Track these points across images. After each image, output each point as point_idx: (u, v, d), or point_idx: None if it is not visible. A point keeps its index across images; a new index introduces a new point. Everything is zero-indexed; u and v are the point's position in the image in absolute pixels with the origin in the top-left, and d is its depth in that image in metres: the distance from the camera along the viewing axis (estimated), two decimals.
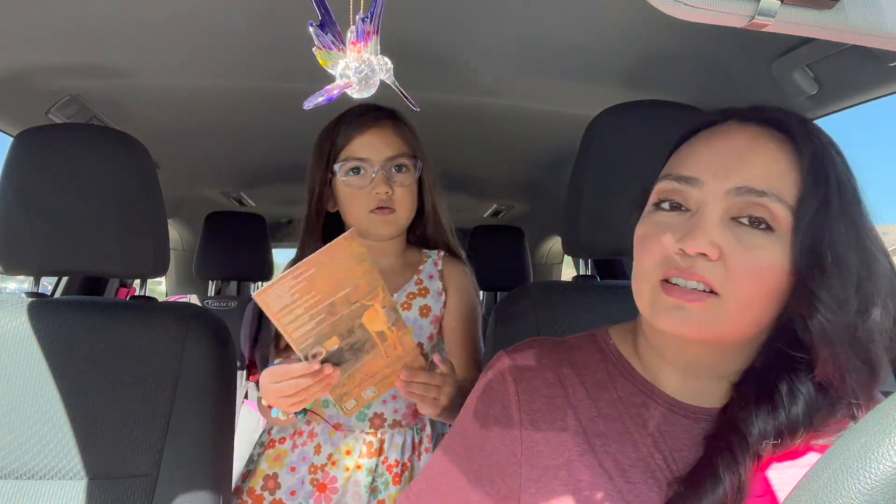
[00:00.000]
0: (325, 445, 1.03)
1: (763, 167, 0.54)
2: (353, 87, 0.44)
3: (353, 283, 0.68)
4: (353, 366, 0.75)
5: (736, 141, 0.56)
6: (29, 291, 1.01)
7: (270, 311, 0.66)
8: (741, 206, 0.53)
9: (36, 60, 1.05)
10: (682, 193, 0.56)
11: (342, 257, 0.66)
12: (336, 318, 0.69)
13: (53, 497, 0.89)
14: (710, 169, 0.55)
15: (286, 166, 1.87)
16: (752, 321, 0.55)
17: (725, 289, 0.52)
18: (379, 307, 0.70)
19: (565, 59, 1.07)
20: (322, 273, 0.66)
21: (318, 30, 0.42)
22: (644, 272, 0.57)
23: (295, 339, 0.70)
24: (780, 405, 0.53)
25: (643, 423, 0.60)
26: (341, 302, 0.69)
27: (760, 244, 0.52)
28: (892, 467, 0.30)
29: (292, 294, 0.66)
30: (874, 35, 0.37)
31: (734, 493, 0.51)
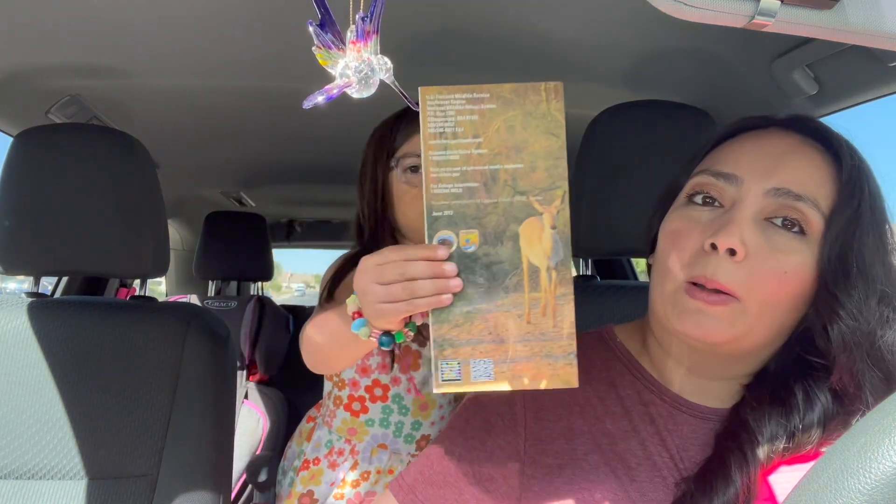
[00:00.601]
0: (362, 463, 1.01)
1: (803, 172, 0.54)
2: (353, 87, 0.44)
3: (532, 159, 0.51)
4: (479, 300, 0.52)
5: (779, 145, 0.56)
6: (29, 291, 1.01)
7: (424, 129, 0.51)
8: (776, 207, 0.53)
9: (36, 60, 1.05)
10: (719, 189, 0.56)
11: (534, 110, 0.50)
12: (490, 201, 0.51)
13: (53, 497, 0.89)
14: (750, 168, 0.55)
15: (286, 166, 1.87)
16: (771, 327, 0.55)
17: (747, 293, 0.52)
18: (548, 222, 0.51)
19: (565, 59, 1.06)
20: (501, 115, 0.51)
21: (317, 29, 0.42)
22: (671, 269, 0.56)
23: (431, 192, 0.52)
24: (794, 409, 0.53)
25: (650, 420, 0.59)
26: (505, 179, 0.51)
27: (789, 247, 0.53)
28: (892, 467, 0.30)
29: (458, 121, 0.50)
30: (874, 35, 0.37)
31: (745, 493, 0.51)
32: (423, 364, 1.00)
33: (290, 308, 2.52)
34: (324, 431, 1.06)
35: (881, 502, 0.30)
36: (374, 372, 1.00)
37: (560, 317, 0.52)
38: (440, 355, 0.52)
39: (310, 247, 3.29)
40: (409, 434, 1.02)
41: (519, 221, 0.51)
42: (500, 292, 0.52)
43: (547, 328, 0.52)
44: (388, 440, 1.02)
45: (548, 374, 0.51)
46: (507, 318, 0.52)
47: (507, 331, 0.52)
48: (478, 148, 0.51)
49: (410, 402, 1.01)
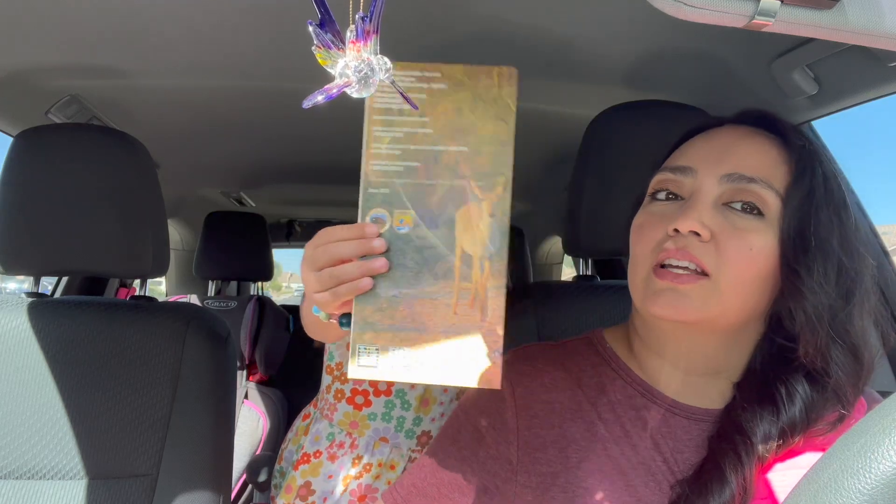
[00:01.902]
0: (365, 457, 1.02)
1: (754, 157, 0.57)
2: (353, 87, 0.44)
3: (477, 144, 0.48)
4: (406, 284, 0.49)
5: (729, 135, 0.60)
6: (29, 291, 1.01)
7: (369, 103, 0.50)
8: (732, 192, 0.56)
9: (36, 60, 1.05)
10: (677, 183, 0.59)
11: (484, 94, 0.49)
12: (429, 182, 0.49)
13: (53, 497, 0.89)
14: (703, 159, 0.58)
15: (286, 166, 1.87)
16: (744, 305, 0.56)
17: (717, 270, 0.54)
18: (486, 210, 0.48)
19: (565, 59, 1.06)
20: (450, 97, 0.49)
21: (317, 29, 0.42)
22: (639, 260, 0.58)
23: (369, 168, 0.50)
24: (782, 405, 0.54)
25: (643, 424, 0.59)
26: (448, 162, 0.49)
27: (751, 227, 0.54)
28: (892, 467, 0.30)
29: (405, 99, 0.47)
30: (874, 35, 0.37)
31: (741, 494, 0.51)
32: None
33: (290, 308, 2.52)
34: (323, 424, 1.06)
35: (881, 502, 0.30)
36: None
37: (489, 310, 0.48)
38: (359, 338, 0.49)
39: None
40: (410, 429, 1.02)
41: (457, 206, 0.49)
42: (428, 278, 0.49)
43: (474, 321, 0.48)
44: (390, 434, 1.02)
45: (468, 371, 0.48)
46: (433, 306, 0.49)
47: (431, 320, 0.49)
48: (423, 127, 0.49)
49: (413, 397, 1.01)
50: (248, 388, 2.02)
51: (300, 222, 2.90)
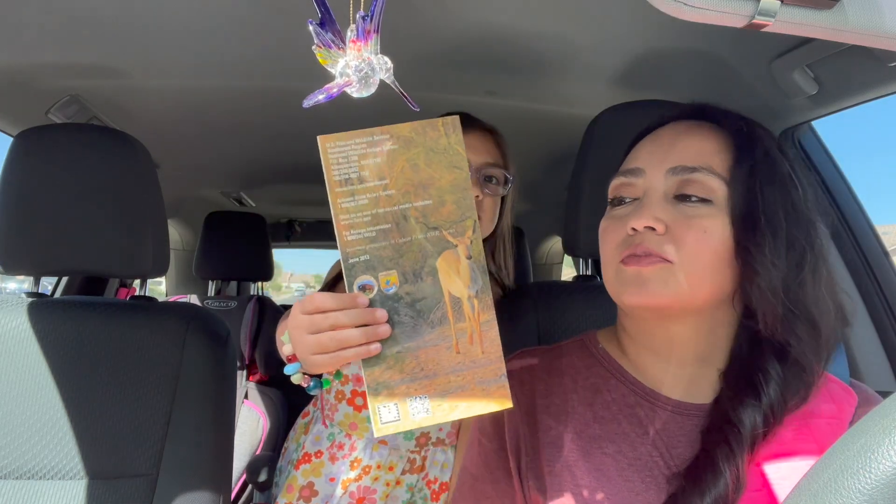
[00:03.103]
0: (364, 459, 1.02)
1: (695, 148, 0.60)
2: (353, 86, 0.44)
3: (439, 194, 0.51)
4: (407, 338, 0.52)
5: (670, 133, 0.63)
6: (29, 291, 1.01)
7: (329, 177, 0.52)
8: (679, 184, 0.59)
9: (36, 60, 1.05)
10: (630, 185, 0.63)
11: (434, 146, 0.50)
12: (404, 240, 0.51)
13: (53, 497, 0.89)
14: (648, 158, 0.62)
15: (286, 166, 1.87)
16: (708, 287, 0.58)
17: (677, 257, 0.57)
18: (463, 253, 0.51)
19: (565, 59, 1.06)
20: (403, 155, 0.50)
21: (318, 28, 0.42)
22: (607, 258, 0.62)
23: (344, 240, 0.52)
24: (761, 392, 0.56)
25: (638, 422, 0.61)
26: (416, 217, 0.51)
27: (702, 213, 0.58)
28: (892, 467, 0.30)
29: (361, 165, 0.50)
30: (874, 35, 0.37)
31: (734, 483, 0.53)
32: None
33: (289, 308, 2.51)
34: (324, 425, 1.06)
35: (881, 502, 0.30)
36: None
37: (487, 342, 0.52)
38: (375, 399, 0.52)
39: (310, 247, 3.29)
40: (408, 431, 1.02)
41: (435, 256, 0.52)
42: (426, 328, 0.52)
43: (476, 355, 0.52)
44: (388, 436, 1.02)
45: (482, 399, 0.51)
46: (436, 351, 0.52)
47: (438, 364, 0.52)
48: (385, 190, 0.51)
49: None
50: (248, 388, 2.02)
51: (300, 222, 2.90)
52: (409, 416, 0.52)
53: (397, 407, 0.52)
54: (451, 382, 0.52)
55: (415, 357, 0.52)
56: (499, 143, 1.02)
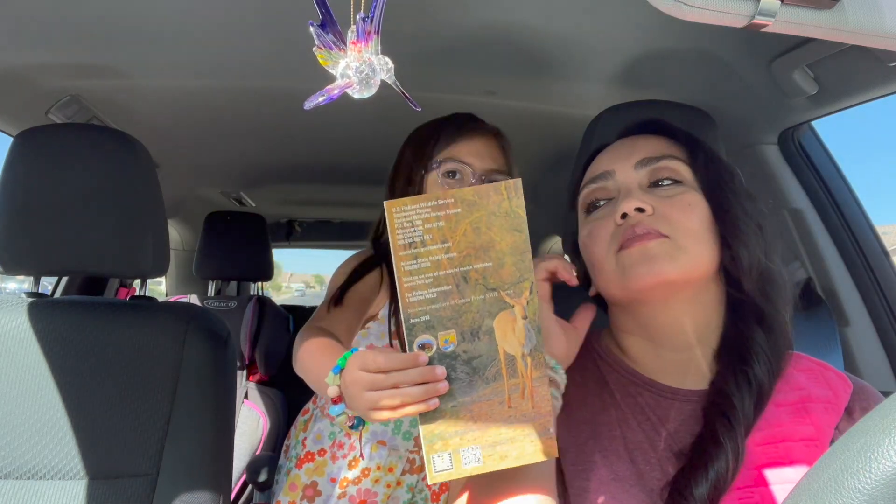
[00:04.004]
0: (363, 460, 1.02)
1: (652, 144, 0.67)
2: (354, 87, 0.44)
3: (499, 257, 0.52)
4: (462, 393, 0.54)
5: (625, 141, 0.71)
6: (29, 291, 1.01)
7: (393, 241, 0.52)
8: (649, 174, 0.65)
9: (36, 60, 1.05)
10: (602, 188, 0.68)
11: (496, 209, 0.52)
12: (463, 301, 0.53)
13: (53, 497, 0.89)
14: (615, 159, 0.68)
15: (286, 166, 1.87)
16: (707, 256, 0.62)
17: (672, 231, 0.61)
18: (519, 314, 0.53)
19: (565, 60, 1.06)
20: (466, 219, 0.51)
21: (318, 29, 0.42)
22: (600, 255, 0.65)
23: (406, 301, 0.53)
24: (752, 366, 0.60)
25: (640, 409, 0.64)
26: (476, 279, 0.52)
27: (678, 191, 0.64)
28: (892, 467, 0.30)
29: (425, 229, 0.51)
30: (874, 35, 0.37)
31: (735, 454, 0.56)
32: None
33: (290, 308, 2.52)
34: (325, 423, 1.06)
35: (881, 502, 0.30)
36: None
37: (538, 397, 0.54)
38: (431, 450, 0.54)
39: (310, 247, 3.29)
40: (407, 431, 1.02)
41: (493, 316, 0.53)
42: (481, 384, 0.54)
43: (527, 410, 0.54)
44: (387, 437, 1.02)
45: (531, 450, 0.53)
46: (490, 406, 0.54)
47: (490, 417, 0.54)
48: (447, 252, 0.52)
49: None
50: (248, 388, 2.02)
51: (300, 222, 2.90)
52: (462, 464, 0.54)
53: (450, 457, 0.54)
54: (502, 434, 0.53)
55: (469, 411, 0.54)
56: (503, 147, 1.02)
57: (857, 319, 1.14)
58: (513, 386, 0.53)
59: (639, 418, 0.63)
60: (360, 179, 1.88)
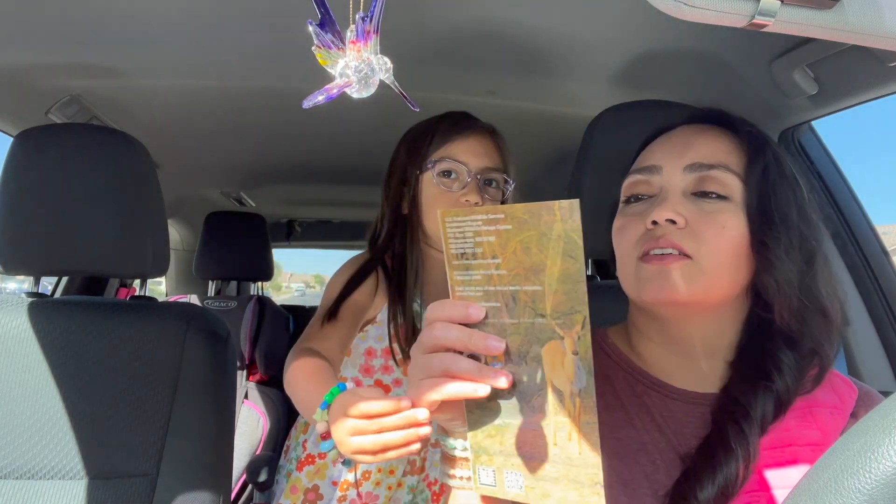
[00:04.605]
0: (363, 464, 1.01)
1: (710, 147, 0.62)
2: (353, 87, 0.44)
3: (550, 282, 0.48)
4: (508, 415, 0.51)
5: (684, 133, 0.66)
6: (29, 291, 1.01)
7: (447, 250, 0.51)
8: (696, 181, 0.61)
9: (36, 60, 1.05)
10: (646, 182, 0.64)
11: (548, 231, 0.47)
12: (511, 321, 0.50)
13: (53, 497, 0.89)
14: (664, 156, 0.64)
15: (286, 166, 1.87)
16: (726, 282, 0.60)
17: (697, 251, 0.58)
18: (569, 347, 0.48)
19: (565, 59, 1.06)
20: (517, 237, 0.48)
21: (317, 29, 0.42)
22: (624, 255, 0.63)
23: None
24: (774, 378, 0.58)
25: (646, 410, 0.63)
26: (525, 301, 0.49)
27: (720, 209, 0.60)
28: (892, 467, 0.30)
29: (476, 242, 0.49)
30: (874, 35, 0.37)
31: (746, 462, 0.54)
32: None
33: (290, 308, 2.52)
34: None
35: (881, 502, 0.30)
36: (377, 372, 1.00)
37: (585, 444, 0.49)
38: (477, 460, 0.53)
39: (310, 247, 3.29)
40: None
41: (541, 343, 0.49)
42: (527, 410, 0.50)
43: (573, 454, 0.49)
44: None
45: (574, 498, 0.49)
46: (535, 436, 0.50)
47: (535, 449, 0.50)
48: (497, 269, 0.49)
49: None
50: (248, 388, 2.02)
51: (300, 222, 2.90)
52: (505, 486, 0.52)
53: (494, 474, 0.52)
54: (546, 471, 0.50)
55: (513, 434, 0.51)
56: (499, 145, 1.00)
57: (857, 319, 1.14)
58: (559, 424, 0.49)
59: (644, 419, 0.62)
60: (360, 179, 1.88)
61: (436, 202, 0.96)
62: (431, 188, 0.97)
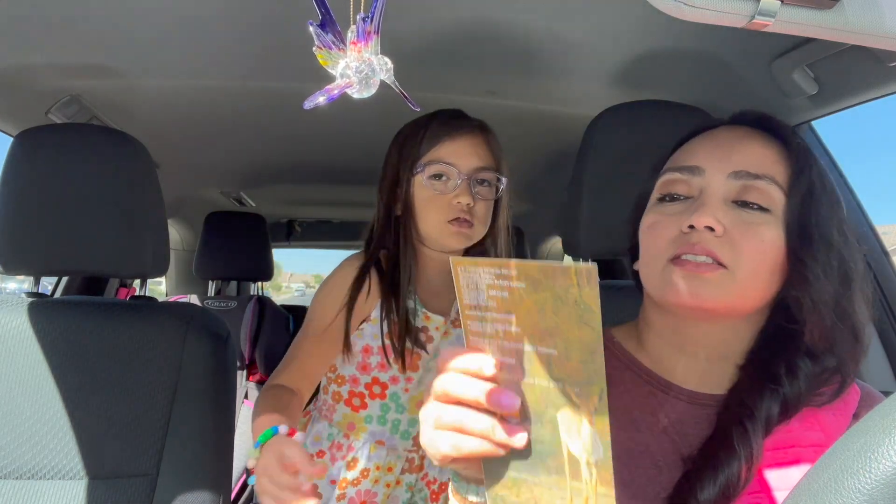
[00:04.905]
0: (361, 460, 1.02)
1: (757, 154, 0.60)
2: (354, 87, 0.44)
3: (566, 347, 0.45)
4: (525, 470, 0.49)
5: (730, 136, 0.63)
6: (29, 291, 1.01)
7: (460, 299, 0.48)
8: (739, 189, 0.59)
9: (36, 60, 1.05)
10: (686, 182, 0.62)
11: (564, 295, 0.44)
12: (526, 381, 0.47)
13: (53, 497, 0.89)
14: (708, 157, 0.61)
15: (286, 166, 1.87)
16: (759, 294, 0.59)
17: (733, 262, 0.56)
18: (586, 416, 0.45)
19: (565, 59, 1.06)
20: (531, 297, 0.45)
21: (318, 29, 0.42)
22: (654, 254, 0.61)
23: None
24: (782, 380, 0.57)
25: (651, 411, 0.62)
26: (540, 362, 0.46)
27: (760, 221, 0.58)
28: (892, 467, 0.30)
29: (489, 296, 0.46)
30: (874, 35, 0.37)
31: (749, 463, 0.54)
32: (421, 366, 1.00)
33: (290, 308, 2.52)
34: (323, 425, 1.06)
35: (881, 502, 0.30)
36: (373, 370, 1.00)
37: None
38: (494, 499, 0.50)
39: (310, 247, 3.29)
40: (405, 430, 1.02)
41: (557, 408, 0.46)
42: (542, 470, 0.48)
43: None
44: (385, 437, 1.02)
45: None
46: (550, 495, 0.48)
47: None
48: (511, 325, 0.46)
49: (407, 400, 1.02)
50: (248, 388, 2.02)
51: (300, 222, 2.90)
52: None
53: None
54: None
55: (529, 489, 0.49)
56: (490, 143, 0.99)
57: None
58: (575, 489, 0.46)
59: (649, 421, 0.62)
60: (360, 179, 1.88)
61: (428, 204, 0.96)
62: (423, 191, 0.96)
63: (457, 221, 0.94)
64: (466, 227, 0.95)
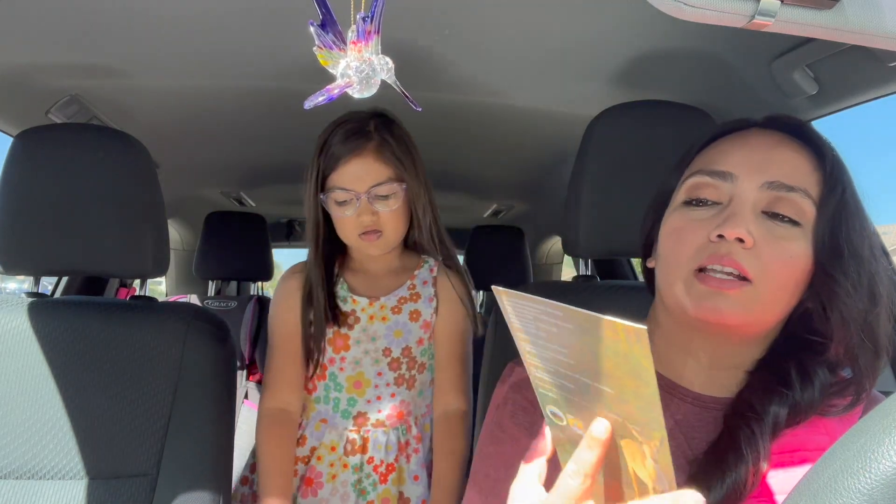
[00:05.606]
0: (310, 438, 1.07)
1: (791, 165, 0.58)
2: (354, 87, 0.44)
3: (621, 391, 0.42)
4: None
5: (764, 142, 0.60)
6: (29, 291, 1.01)
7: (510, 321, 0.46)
8: (771, 200, 0.57)
9: (36, 60, 1.05)
10: (716, 188, 0.59)
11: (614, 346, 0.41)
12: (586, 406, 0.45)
13: (53, 497, 0.89)
14: (740, 164, 0.59)
15: (286, 166, 1.87)
16: (781, 309, 0.58)
17: (759, 277, 0.55)
18: (648, 453, 0.44)
19: (565, 59, 1.06)
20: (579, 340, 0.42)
21: (318, 29, 0.42)
22: (678, 263, 0.59)
23: (532, 375, 0.48)
24: (794, 385, 0.56)
25: None
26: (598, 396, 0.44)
27: (789, 235, 0.56)
28: (892, 467, 0.30)
29: (537, 325, 0.44)
30: (874, 35, 0.37)
31: (756, 466, 0.53)
32: (352, 345, 1.05)
33: None
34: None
35: (881, 502, 0.30)
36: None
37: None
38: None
39: None
40: (345, 409, 1.06)
41: (620, 436, 0.43)
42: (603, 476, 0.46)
43: None
44: (328, 415, 1.06)
45: None
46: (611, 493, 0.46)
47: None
48: (564, 357, 0.43)
49: (343, 378, 1.06)
50: (248, 388, 2.02)
51: (300, 222, 2.89)
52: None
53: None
54: None
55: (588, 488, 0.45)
56: (384, 154, 0.98)
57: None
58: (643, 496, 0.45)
59: None
60: None
61: (339, 222, 1.02)
62: (333, 209, 1.01)
63: (365, 235, 1.01)
64: (376, 237, 1.01)
